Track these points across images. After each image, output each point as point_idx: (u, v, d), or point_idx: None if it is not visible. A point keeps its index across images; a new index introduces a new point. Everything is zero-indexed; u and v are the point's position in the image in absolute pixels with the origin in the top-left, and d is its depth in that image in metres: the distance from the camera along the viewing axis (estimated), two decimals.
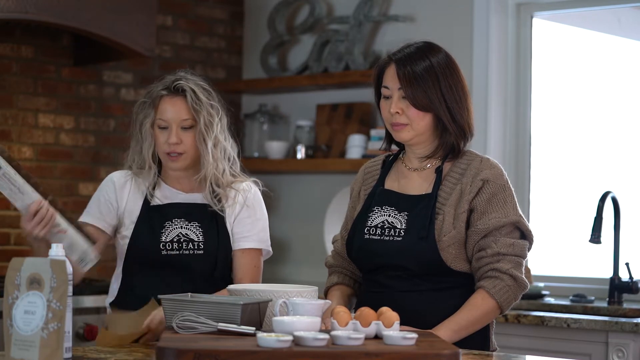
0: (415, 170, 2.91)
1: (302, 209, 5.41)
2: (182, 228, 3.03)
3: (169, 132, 3.02)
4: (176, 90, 3.04)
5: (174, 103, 3.03)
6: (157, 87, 3.07)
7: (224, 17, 5.61)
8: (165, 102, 3.03)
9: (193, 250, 3.01)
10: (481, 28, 4.77)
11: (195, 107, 3.02)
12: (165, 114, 3.02)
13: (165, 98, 3.04)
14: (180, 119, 3.02)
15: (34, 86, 4.83)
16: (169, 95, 3.04)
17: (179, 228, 3.02)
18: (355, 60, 5.07)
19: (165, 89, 3.05)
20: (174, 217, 3.04)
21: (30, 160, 4.78)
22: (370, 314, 2.45)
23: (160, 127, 3.03)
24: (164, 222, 3.03)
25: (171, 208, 3.06)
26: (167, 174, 3.11)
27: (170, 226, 3.03)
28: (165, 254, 2.99)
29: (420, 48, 2.85)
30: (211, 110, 3.06)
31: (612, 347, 3.84)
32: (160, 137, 3.03)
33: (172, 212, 3.05)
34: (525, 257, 2.83)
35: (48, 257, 2.30)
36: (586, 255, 4.63)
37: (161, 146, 3.03)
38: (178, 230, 3.02)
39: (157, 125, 3.04)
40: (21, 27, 4.73)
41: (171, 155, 3.03)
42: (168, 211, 3.05)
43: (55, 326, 2.18)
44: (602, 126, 4.89)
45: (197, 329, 2.44)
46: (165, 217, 3.04)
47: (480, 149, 4.41)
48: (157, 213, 3.05)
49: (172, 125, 3.01)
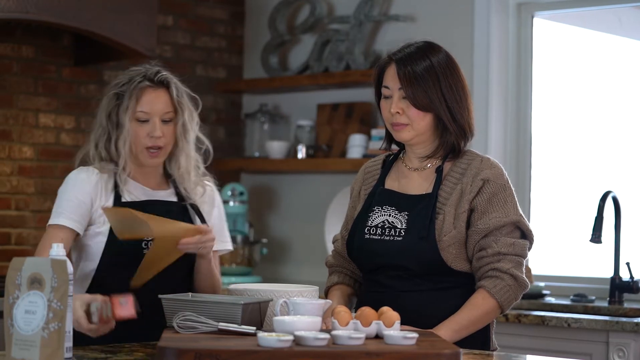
0: (416, 170, 2.91)
1: (303, 209, 5.42)
2: None
3: (151, 126, 2.92)
4: (159, 82, 2.95)
5: (157, 95, 2.94)
6: (135, 78, 2.95)
7: (225, 17, 5.61)
8: (148, 94, 2.93)
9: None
10: (482, 28, 4.77)
11: (180, 99, 2.96)
12: (148, 106, 2.92)
13: (147, 89, 2.94)
14: (163, 111, 2.93)
15: (35, 86, 4.83)
16: (152, 87, 2.95)
17: None
18: (355, 60, 5.07)
19: (148, 79, 2.94)
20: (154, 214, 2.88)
21: (31, 160, 4.78)
22: (371, 314, 2.45)
23: (139, 119, 2.92)
24: None
25: (150, 205, 2.95)
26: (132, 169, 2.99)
27: None
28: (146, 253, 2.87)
29: (420, 48, 2.85)
30: (189, 104, 3.00)
31: (613, 347, 3.84)
32: (139, 131, 2.92)
33: (152, 209, 2.91)
34: (526, 256, 2.83)
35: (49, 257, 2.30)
36: (587, 254, 4.63)
37: (141, 140, 2.92)
38: None
39: (137, 118, 2.92)
40: (22, 27, 4.73)
41: (151, 150, 2.93)
42: (147, 209, 2.90)
43: (56, 326, 2.18)
44: (602, 126, 4.88)
45: (198, 328, 2.44)
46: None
47: (481, 148, 4.41)
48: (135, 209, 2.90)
49: (153, 118, 2.92)
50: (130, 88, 2.92)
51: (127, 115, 2.91)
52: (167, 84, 2.96)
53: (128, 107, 2.91)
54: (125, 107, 2.91)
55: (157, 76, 2.95)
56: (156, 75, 2.95)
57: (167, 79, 2.97)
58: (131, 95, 2.91)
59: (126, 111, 2.91)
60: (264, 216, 5.58)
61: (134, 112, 2.91)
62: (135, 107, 2.91)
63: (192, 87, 5.74)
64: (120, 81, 2.97)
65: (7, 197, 4.72)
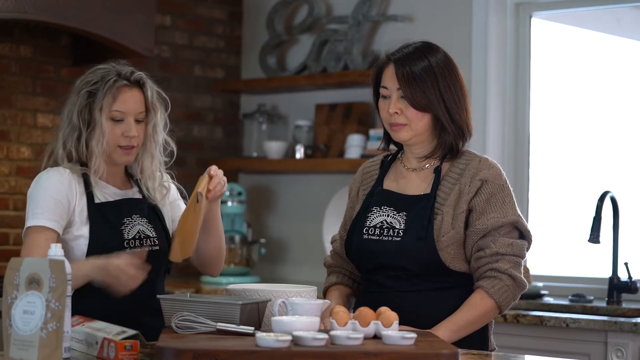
0: (414, 171, 2.91)
1: (301, 209, 5.42)
2: (139, 224, 2.91)
3: (126, 125, 2.89)
4: (135, 82, 2.92)
5: (133, 95, 2.90)
6: (109, 77, 2.89)
7: (223, 17, 5.61)
8: (125, 93, 2.89)
9: (151, 247, 2.91)
10: (480, 28, 4.77)
11: (153, 100, 2.93)
12: (124, 106, 2.88)
13: (124, 89, 2.89)
14: (138, 111, 2.90)
15: (33, 86, 4.83)
16: (128, 86, 2.90)
17: (137, 225, 2.91)
18: (354, 60, 5.07)
19: (124, 79, 2.91)
20: (131, 214, 2.91)
21: (29, 161, 4.78)
22: (369, 314, 2.45)
23: (114, 118, 2.88)
24: (122, 218, 2.89)
25: (126, 204, 2.93)
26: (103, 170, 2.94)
27: (130, 223, 2.90)
28: (129, 253, 2.82)
29: (418, 48, 2.85)
30: (160, 105, 2.96)
31: (611, 347, 3.84)
32: (114, 130, 2.88)
33: (128, 209, 2.91)
34: (524, 257, 2.83)
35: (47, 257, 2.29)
36: (585, 255, 4.63)
37: (115, 138, 2.88)
38: (138, 227, 2.90)
39: (112, 117, 2.87)
40: (20, 27, 4.73)
41: (125, 149, 2.90)
42: (123, 208, 2.91)
43: (54, 326, 2.18)
44: (601, 126, 4.89)
45: (196, 328, 2.43)
46: (123, 213, 2.90)
47: (479, 148, 4.41)
48: (111, 209, 2.90)
49: (128, 118, 2.90)
50: (105, 87, 2.88)
51: (102, 114, 2.87)
52: (142, 83, 2.93)
53: (103, 106, 2.87)
54: (100, 105, 2.87)
55: (133, 75, 2.92)
56: (132, 75, 2.92)
57: (143, 78, 2.93)
58: (107, 94, 2.88)
59: (101, 110, 2.87)
60: (262, 216, 5.58)
61: (110, 111, 2.89)
62: (111, 106, 2.88)
63: (190, 87, 5.76)
64: (91, 79, 2.92)
65: (6, 198, 4.72)
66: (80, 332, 2.52)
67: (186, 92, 5.44)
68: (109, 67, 2.93)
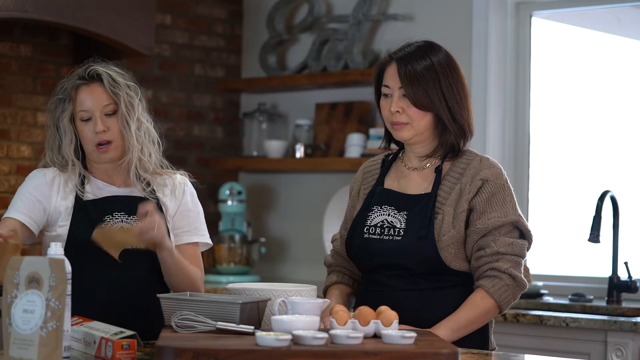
0: (415, 170, 2.91)
1: (301, 208, 5.41)
2: (123, 222, 2.86)
3: (93, 122, 2.85)
4: (91, 77, 2.88)
5: (91, 90, 2.87)
6: (69, 80, 2.89)
7: (223, 16, 5.61)
8: (83, 92, 2.86)
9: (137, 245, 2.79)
10: (480, 27, 4.77)
11: (114, 89, 2.86)
12: (86, 104, 2.85)
13: (81, 87, 2.86)
14: (102, 105, 2.86)
15: (33, 85, 4.83)
16: (84, 83, 2.87)
17: (120, 222, 2.86)
18: (354, 59, 5.07)
19: (79, 78, 2.87)
20: (114, 210, 2.87)
21: (29, 160, 4.78)
22: (369, 313, 2.45)
23: (82, 119, 2.86)
24: (104, 216, 2.85)
25: (109, 202, 2.89)
26: (96, 169, 2.94)
27: (112, 220, 2.86)
28: None
29: (420, 47, 2.85)
30: (129, 91, 2.89)
31: (611, 347, 3.84)
32: (85, 130, 2.86)
33: (111, 205, 2.88)
34: (524, 256, 2.83)
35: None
36: (585, 254, 4.63)
37: (88, 138, 2.86)
38: (120, 224, 2.85)
39: (80, 118, 2.86)
40: (20, 26, 4.73)
41: (100, 146, 2.86)
42: (106, 205, 2.87)
43: (54, 325, 2.18)
44: (601, 125, 4.89)
45: (196, 327, 2.43)
46: (105, 211, 2.86)
47: (480, 148, 4.41)
48: (94, 207, 2.87)
49: (95, 114, 2.84)
50: (65, 92, 2.89)
51: (66, 118, 2.87)
52: (98, 77, 2.88)
53: (65, 110, 2.87)
54: (62, 110, 2.88)
55: (88, 71, 2.89)
56: (86, 71, 2.89)
57: (97, 71, 2.88)
58: (68, 98, 2.88)
59: (63, 114, 2.87)
60: (262, 215, 5.58)
61: (75, 113, 2.87)
62: (74, 108, 2.87)
63: (190, 86, 5.76)
64: (62, 86, 2.92)
65: (6, 197, 4.71)
66: (78, 332, 2.52)
67: (186, 91, 5.43)
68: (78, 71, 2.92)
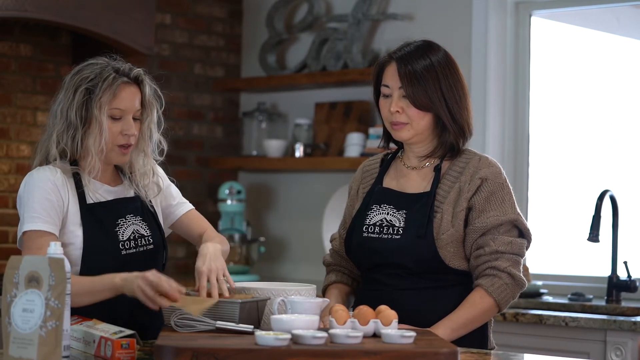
0: (414, 169, 2.91)
1: (301, 208, 5.42)
2: (134, 224, 2.82)
3: (125, 123, 2.78)
4: (135, 78, 2.82)
5: (132, 92, 2.80)
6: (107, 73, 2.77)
7: (223, 16, 5.61)
8: (124, 91, 2.78)
9: (146, 246, 2.82)
10: (480, 26, 4.77)
11: (150, 98, 2.84)
12: (124, 103, 2.77)
13: (124, 86, 2.78)
14: (136, 109, 2.81)
15: (33, 84, 4.83)
16: (128, 83, 2.79)
17: (132, 224, 2.82)
18: (353, 58, 5.07)
19: (124, 75, 2.79)
20: (125, 213, 2.82)
21: (29, 159, 4.77)
22: (369, 312, 2.45)
23: (114, 117, 2.77)
24: (116, 219, 2.80)
25: (117, 204, 2.83)
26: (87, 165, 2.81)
27: (124, 224, 2.81)
28: (125, 254, 2.77)
29: (420, 47, 2.85)
30: (156, 102, 2.87)
31: (610, 346, 3.84)
32: (113, 128, 2.77)
33: (120, 208, 2.82)
34: (524, 255, 2.83)
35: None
36: (584, 253, 4.63)
37: (114, 137, 2.77)
38: (132, 227, 2.82)
39: (111, 115, 2.77)
40: (20, 26, 4.73)
41: (124, 147, 2.81)
42: (116, 208, 2.82)
43: (53, 324, 2.18)
44: (600, 125, 4.89)
45: (196, 327, 2.44)
46: (116, 214, 2.81)
47: (479, 147, 4.41)
48: (104, 210, 2.80)
49: (127, 116, 2.79)
50: (103, 83, 2.76)
51: (102, 111, 2.75)
52: (140, 80, 2.83)
53: (102, 103, 2.75)
54: (99, 103, 2.76)
55: (132, 72, 2.82)
56: (130, 71, 2.82)
57: (141, 75, 2.84)
58: (106, 91, 2.76)
59: (101, 108, 2.75)
60: (262, 215, 5.58)
61: (109, 109, 2.78)
62: (110, 104, 2.76)
63: (190, 85, 5.76)
64: (87, 75, 2.79)
65: (5, 196, 4.72)
66: (78, 331, 2.52)
67: (186, 90, 5.44)
68: (104, 63, 2.82)
